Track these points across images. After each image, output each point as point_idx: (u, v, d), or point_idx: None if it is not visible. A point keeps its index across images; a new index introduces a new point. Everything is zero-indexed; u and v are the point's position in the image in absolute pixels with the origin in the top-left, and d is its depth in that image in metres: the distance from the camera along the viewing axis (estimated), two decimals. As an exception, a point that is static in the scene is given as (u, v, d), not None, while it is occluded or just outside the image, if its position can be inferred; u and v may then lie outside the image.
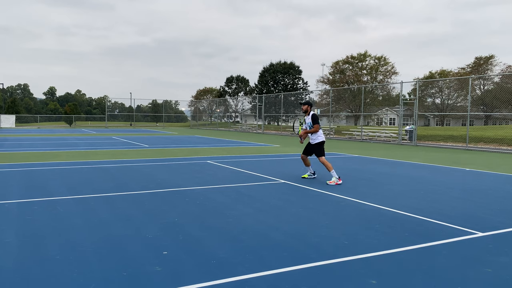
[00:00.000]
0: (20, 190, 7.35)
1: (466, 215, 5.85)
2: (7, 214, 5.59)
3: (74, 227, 5.00)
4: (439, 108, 50.59)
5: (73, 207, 6.07)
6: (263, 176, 9.38)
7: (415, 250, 4.32)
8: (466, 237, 4.80)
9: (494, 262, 3.98)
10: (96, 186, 7.79)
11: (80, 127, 50.68)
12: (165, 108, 61.89)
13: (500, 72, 51.72)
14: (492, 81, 49.73)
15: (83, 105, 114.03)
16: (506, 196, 7.39)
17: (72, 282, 3.38)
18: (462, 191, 7.83)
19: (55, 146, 18.05)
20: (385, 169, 11.00)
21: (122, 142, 21.54)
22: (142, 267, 3.74)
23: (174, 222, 5.31)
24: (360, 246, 4.41)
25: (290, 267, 3.73)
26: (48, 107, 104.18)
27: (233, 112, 61.41)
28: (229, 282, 3.42)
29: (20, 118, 57.47)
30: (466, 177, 9.71)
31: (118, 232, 4.84)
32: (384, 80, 54.08)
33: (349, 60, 55.98)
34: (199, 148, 17.96)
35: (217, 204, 6.43)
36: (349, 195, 7.10)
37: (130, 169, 10.31)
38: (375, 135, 26.57)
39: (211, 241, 4.54)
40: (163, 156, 13.78)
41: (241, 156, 14.13)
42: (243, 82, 67.88)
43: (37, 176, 9.01)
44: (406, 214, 5.87)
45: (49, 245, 4.33)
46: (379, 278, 3.55)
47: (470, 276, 3.64)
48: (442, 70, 58.86)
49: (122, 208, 6.06)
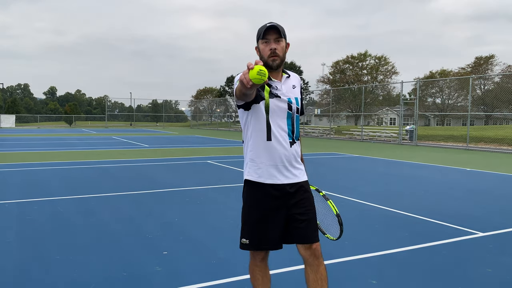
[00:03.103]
0: (20, 190, 7.35)
1: (466, 215, 5.85)
2: (7, 214, 5.59)
3: (74, 227, 5.00)
4: (440, 108, 50.59)
5: (73, 207, 6.07)
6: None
7: (415, 250, 4.32)
8: (466, 237, 4.79)
9: (494, 262, 3.97)
10: (96, 186, 7.79)
11: (80, 127, 50.67)
12: (165, 108, 61.90)
13: (500, 72, 51.71)
14: (493, 81, 49.73)
15: (83, 105, 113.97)
16: (506, 196, 7.38)
17: (72, 282, 3.38)
18: (462, 191, 7.83)
19: (55, 146, 18.05)
20: (385, 169, 10.99)
21: (122, 142, 21.54)
22: (142, 267, 3.74)
23: (174, 222, 5.31)
24: (360, 246, 4.40)
25: (290, 267, 3.73)
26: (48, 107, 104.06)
27: (233, 112, 61.39)
28: (229, 282, 3.42)
29: (20, 118, 57.47)
30: (466, 177, 9.70)
31: (118, 232, 4.84)
32: (385, 80, 54.09)
33: (349, 60, 55.97)
34: (199, 148, 17.96)
35: (217, 204, 6.42)
36: (349, 195, 7.10)
37: (130, 169, 10.31)
38: (376, 135, 26.56)
39: (211, 241, 4.54)
40: (163, 156, 13.77)
41: (241, 156, 14.08)
42: (243, 82, 67.79)
43: (37, 176, 9.01)
44: (406, 214, 5.87)
45: (49, 245, 4.33)
46: (379, 278, 3.54)
47: (470, 276, 3.63)
48: (442, 70, 58.86)
49: (122, 208, 6.06)
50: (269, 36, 2.42)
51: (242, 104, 2.44)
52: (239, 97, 2.27)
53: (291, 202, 2.52)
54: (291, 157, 2.51)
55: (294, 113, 2.53)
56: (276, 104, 2.46)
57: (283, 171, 2.49)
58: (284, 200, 2.50)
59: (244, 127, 2.56)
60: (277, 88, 2.48)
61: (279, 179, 2.49)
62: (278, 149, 2.47)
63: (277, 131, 2.47)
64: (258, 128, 2.47)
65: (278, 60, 2.45)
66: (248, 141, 2.55)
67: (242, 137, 2.64)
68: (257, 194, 2.51)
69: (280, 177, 2.49)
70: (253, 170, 2.51)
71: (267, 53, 2.44)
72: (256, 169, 2.50)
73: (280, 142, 2.47)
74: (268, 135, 2.46)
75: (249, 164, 2.54)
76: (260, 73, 1.90)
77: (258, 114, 2.46)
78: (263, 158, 2.48)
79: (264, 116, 2.45)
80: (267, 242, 2.52)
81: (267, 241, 2.51)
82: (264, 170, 2.48)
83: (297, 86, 2.62)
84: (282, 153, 2.48)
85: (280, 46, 2.45)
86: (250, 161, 2.54)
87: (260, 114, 2.45)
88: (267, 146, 2.47)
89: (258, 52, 2.51)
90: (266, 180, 2.48)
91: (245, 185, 2.59)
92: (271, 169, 2.48)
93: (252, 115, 2.48)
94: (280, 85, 2.50)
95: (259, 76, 1.90)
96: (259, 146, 2.48)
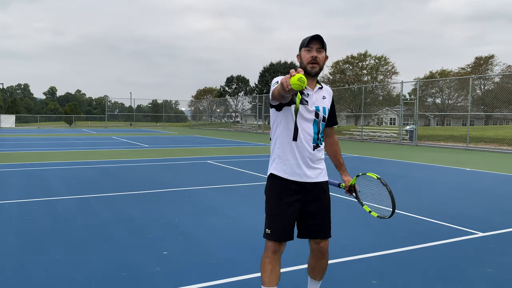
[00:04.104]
0: (20, 190, 7.35)
1: (466, 215, 5.85)
2: (7, 214, 5.59)
3: (74, 227, 5.00)
4: (440, 108, 50.57)
5: (73, 207, 6.07)
6: (263, 176, 9.37)
7: (415, 250, 4.32)
8: (466, 237, 4.79)
9: (494, 262, 3.98)
10: (96, 186, 7.79)
11: (80, 127, 50.67)
12: (165, 108, 61.90)
13: (500, 72, 51.72)
14: (493, 81, 49.72)
15: (83, 105, 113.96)
16: (506, 196, 7.38)
17: (72, 282, 3.38)
18: (462, 191, 7.83)
19: (55, 146, 18.05)
20: (385, 169, 10.99)
21: (122, 142, 21.54)
22: (142, 267, 3.74)
23: (174, 222, 5.31)
24: (360, 246, 4.41)
25: (290, 267, 3.73)
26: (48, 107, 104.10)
27: (233, 112, 61.41)
28: (229, 282, 3.42)
29: (20, 118, 57.46)
30: (467, 177, 9.70)
31: (118, 232, 4.84)
32: (385, 80, 54.08)
33: (349, 60, 55.96)
34: (199, 148, 17.96)
35: (217, 204, 6.42)
36: (349, 195, 7.09)
37: (130, 169, 10.31)
38: (376, 135, 26.56)
39: (211, 241, 4.54)
40: (163, 156, 13.77)
41: (241, 156, 14.12)
42: (243, 82, 67.88)
43: (37, 176, 9.01)
44: (406, 214, 5.87)
45: (49, 245, 4.33)
46: (379, 278, 3.55)
47: (470, 276, 3.63)
48: (442, 70, 58.86)
49: (122, 208, 6.06)
50: (312, 45, 2.64)
51: (276, 104, 2.64)
52: (276, 97, 2.45)
53: (307, 199, 2.73)
54: (313, 159, 2.73)
55: (320, 120, 2.75)
56: (304, 109, 2.67)
57: (305, 170, 2.71)
58: (302, 196, 2.72)
59: (273, 125, 2.77)
60: (308, 96, 2.69)
61: (301, 177, 2.70)
62: (302, 150, 2.69)
63: (303, 134, 2.69)
64: (286, 128, 2.69)
65: (317, 68, 2.67)
66: (276, 139, 2.75)
67: (270, 135, 2.83)
68: (279, 188, 2.72)
69: (302, 176, 2.71)
70: (280, 166, 2.73)
71: (308, 59, 2.64)
72: (282, 165, 2.72)
73: (304, 144, 2.69)
74: (294, 136, 2.67)
75: (276, 160, 2.75)
76: (300, 80, 2.08)
77: (287, 116, 2.67)
78: (289, 156, 2.70)
79: (293, 118, 2.65)
80: (284, 233, 2.69)
81: (284, 232, 2.69)
82: (289, 167, 2.70)
83: (327, 97, 2.84)
84: (305, 154, 2.70)
85: (321, 56, 2.67)
86: (277, 158, 2.74)
87: (289, 116, 2.66)
88: (293, 146, 2.69)
89: (299, 59, 2.71)
90: (289, 176, 2.70)
91: (269, 179, 2.79)
92: (295, 167, 2.70)
93: (282, 116, 2.69)
94: (312, 93, 2.72)
95: (299, 83, 2.08)
96: (285, 145, 2.70)
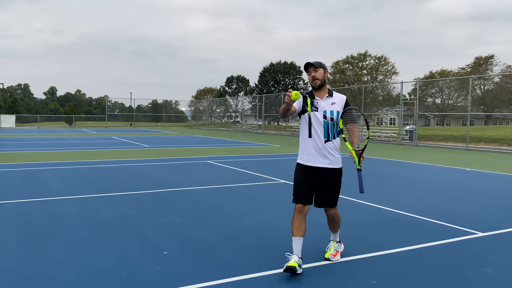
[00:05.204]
0: (20, 190, 7.35)
1: (466, 215, 5.85)
2: (7, 214, 5.59)
3: (74, 227, 5.00)
4: (440, 108, 50.57)
5: (73, 207, 6.07)
6: (263, 176, 9.37)
7: (415, 250, 4.32)
8: (466, 237, 4.79)
9: (494, 262, 3.98)
10: (96, 186, 7.79)
11: (80, 127, 50.67)
12: (165, 108, 61.88)
13: (500, 72, 51.73)
14: (492, 81, 49.72)
15: (83, 105, 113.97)
16: (506, 196, 7.38)
17: (72, 282, 3.38)
18: (462, 191, 7.83)
19: (55, 146, 18.05)
20: (385, 169, 10.99)
21: (122, 142, 21.54)
22: (142, 267, 3.74)
23: (174, 222, 5.31)
24: (360, 246, 4.41)
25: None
26: (48, 107, 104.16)
27: (233, 112, 61.40)
28: (229, 282, 3.42)
29: (20, 118, 57.44)
30: (466, 177, 9.70)
31: (118, 232, 4.84)
32: (384, 80, 54.09)
33: (349, 60, 55.94)
34: (199, 148, 17.96)
35: (217, 204, 6.42)
36: (349, 195, 7.09)
37: (130, 169, 10.31)
38: (376, 135, 26.56)
39: (211, 241, 4.54)
40: (163, 156, 13.77)
41: (241, 156, 14.12)
42: (243, 82, 67.86)
43: (37, 176, 9.01)
44: (406, 214, 5.87)
45: (49, 245, 4.33)
46: (379, 278, 3.55)
47: (470, 276, 3.63)
48: (442, 70, 58.85)
49: (122, 208, 6.06)
50: (309, 69, 3.78)
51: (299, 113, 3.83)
52: (282, 114, 3.62)
53: (319, 179, 3.81)
54: (324, 150, 3.77)
55: (328, 121, 3.77)
56: (315, 114, 3.78)
57: (318, 158, 3.78)
58: (315, 176, 3.80)
59: (300, 127, 3.94)
60: (317, 104, 3.78)
61: (314, 163, 3.78)
62: (314, 144, 3.78)
63: (315, 132, 3.78)
64: (304, 129, 3.85)
65: (319, 82, 3.76)
66: (300, 137, 3.91)
67: None
68: (301, 170, 3.85)
69: (316, 162, 3.78)
70: (300, 156, 3.89)
71: (310, 80, 3.78)
72: (301, 155, 3.88)
73: (316, 140, 3.78)
74: (309, 134, 3.80)
75: (300, 152, 3.92)
76: (297, 94, 3.43)
77: (304, 121, 3.86)
78: (306, 148, 3.83)
79: (307, 121, 3.80)
80: (301, 198, 3.77)
81: (301, 197, 3.78)
82: (306, 156, 3.82)
83: (337, 103, 3.82)
84: (317, 147, 3.77)
85: (318, 73, 3.76)
86: (300, 150, 3.91)
87: (304, 121, 3.85)
88: (308, 141, 3.81)
89: None
90: (306, 163, 3.82)
91: (296, 165, 3.91)
92: (309, 157, 3.80)
93: (302, 121, 3.89)
94: (321, 101, 3.79)
95: (295, 95, 3.43)
96: (304, 140, 3.85)
